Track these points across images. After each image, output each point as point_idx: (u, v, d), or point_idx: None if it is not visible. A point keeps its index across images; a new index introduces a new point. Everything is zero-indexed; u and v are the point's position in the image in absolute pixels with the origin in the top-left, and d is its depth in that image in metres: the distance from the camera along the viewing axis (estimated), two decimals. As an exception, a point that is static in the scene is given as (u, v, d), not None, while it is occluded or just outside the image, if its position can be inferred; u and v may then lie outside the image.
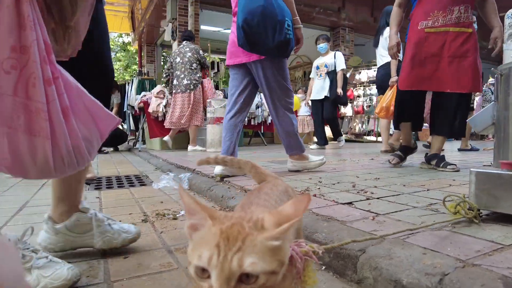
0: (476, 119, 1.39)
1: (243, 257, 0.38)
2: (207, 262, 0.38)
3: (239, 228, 0.40)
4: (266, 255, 0.39)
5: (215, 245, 0.39)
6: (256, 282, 0.38)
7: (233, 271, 0.37)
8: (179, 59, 5.24)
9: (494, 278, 0.73)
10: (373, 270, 0.89)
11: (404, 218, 1.23)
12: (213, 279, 0.38)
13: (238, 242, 0.39)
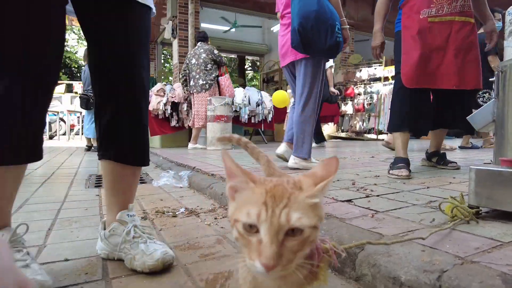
0: (476, 116, 1.38)
1: (289, 213, 0.41)
2: (256, 218, 0.41)
3: (282, 188, 0.43)
4: (309, 211, 0.43)
5: (262, 202, 0.42)
6: (301, 235, 0.42)
7: (281, 225, 0.41)
8: (194, 60, 5.34)
9: (493, 275, 0.73)
10: (372, 267, 0.88)
11: (403, 216, 1.23)
12: (262, 233, 0.41)
13: (284, 200, 0.42)
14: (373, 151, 4.47)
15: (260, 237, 0.41)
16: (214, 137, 5.09)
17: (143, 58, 1.08)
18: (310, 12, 2.25)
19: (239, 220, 0.43)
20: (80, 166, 3.76)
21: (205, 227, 1.41)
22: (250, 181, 0.45)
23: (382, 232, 1.04)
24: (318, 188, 0.44)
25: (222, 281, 0.92)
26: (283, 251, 0.41)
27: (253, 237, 0.42)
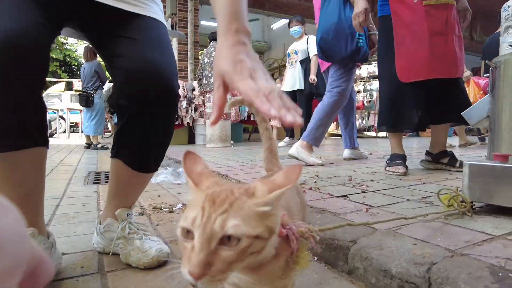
0: (470, 112, 1.39)
1: (226, 219, 0.38)
2: (191, 222, 0.39)
3: (228, 193, 0.40)
4: (252, 219, 0.39)
5: (200, 207, 0.39)
6: (237, 245, 0.38)
7: (215, 231, 0.38)
8: (206, 60, 5.50)
9: (481, 266, 0.74)
10: (364, 261, 0.90)
11: (397, 211, 1.24)
12: (195, 238, 0.38)
13: (225, 205, 0.39)
14: (372, 148, 4.48)
15: (193, 243, 0.38)
16: (214, 135, 5.10)
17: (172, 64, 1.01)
18: (330, 25, 2.60)
19: (178, 225, 0.41)
20: (79, 164, 3.77)
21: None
22: (193, 185, 0.43)
23: (375, 227, 1.05)
24: (271, 196, 0.40)
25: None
26: (215, 260, 0.38)
27: (188, 243, 0.39)
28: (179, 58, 7.51)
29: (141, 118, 0.99)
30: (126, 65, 0.95)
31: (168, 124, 1.04)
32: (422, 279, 0.76)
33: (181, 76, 7.41)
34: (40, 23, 0.83)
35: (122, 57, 0.97)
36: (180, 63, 7.51)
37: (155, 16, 1.05)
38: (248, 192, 0.41)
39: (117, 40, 0.98)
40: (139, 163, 1.05)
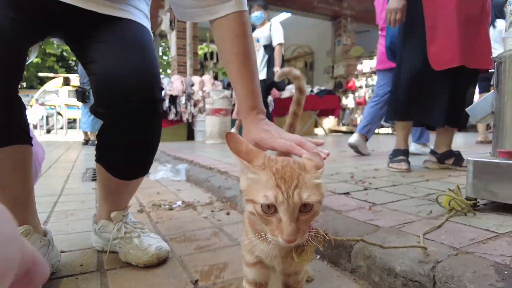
0: (475, 108, 1.37)
1: (301, 192, 0.48)
2: (274, 199, 0.47)
3: (290, 169, 0.49)
4: (314, 189, 0.49)
5: (275, 185, 0.47)
6: (311, 210, 0.49)
7: (296, 203, 0.47)
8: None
9: (487, 265, 0.72)
10: (367, 259, 0.88)
11: (400, 208, 1.23)
12: (281, 212, 0.47)
13: (294, 181, 0.48)
14: (374, 145, 4.46)
15: (279, 217, 0.48)
16: (213, 131, 5.08)
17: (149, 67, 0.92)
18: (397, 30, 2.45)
19: (257, 202, 0.49)
20: (77, 160, 3.76)
21: (201, 220, 1.41)
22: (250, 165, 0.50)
23: (379, 224, 1.03)
24: (320, 171, 0.51)
25: (217, 273, 0.92)
26: (299, 225, 0.48)
27: (272, 217, 0.48)
28: (178, 53, 7.47)
29: (117, 127, 0.91)
30: (98, 71, 0.87)
31: (149, 131, 0.94)
32: (427, 278, 0.74)
33: (180, 71, 7.37)
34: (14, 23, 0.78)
35: (94, 62, 0.89)
36: (179, 57, 7.47)
37: (134, 19, 0.96)
38: (302, 167, 0.51)
39: (91, 46, 0.91)
40: (122, 171, 0.98)
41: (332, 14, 9.58)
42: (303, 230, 0.49)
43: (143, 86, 0.88)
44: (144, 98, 0.88)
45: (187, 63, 7.38)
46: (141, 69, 0.89)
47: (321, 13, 9.39)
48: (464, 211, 1.12)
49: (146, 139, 0.95)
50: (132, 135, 0.92)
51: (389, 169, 2.14)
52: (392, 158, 2.17)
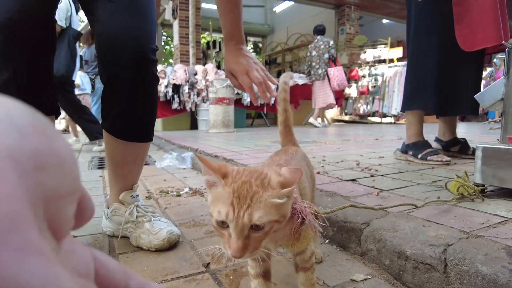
0: (484, 94, 1.36)
1: (252, 213, 0.47)
2: (225, 217, 0.48)
3: (247, 187, 0.49)
4: (271, 209, 0.49)
5: (229, 203, 0.48)
6: (263, 229, 0.49)
7: (245, 224, 0.48)
8: (314, 52, 6.23)
9: (498, 248, 0.73)
10: (377, 242, 0.89)
11: (408, 194, 1.23)
12: (231, 229, 0.49)
13: (248, 200, 0.48)
14: (377, 134, 4.45)
15: (230, 232, 0.49)
16: (217, 120, 5.07)
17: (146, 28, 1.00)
18: None
19: (212, 216, 0.50)
20: (81, 149, 3.77)
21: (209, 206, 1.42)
22: (221, 179, 0.50)
23: (387, 209, 1.04)
24: (284, 192, 0.49)
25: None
26: (249, 242, 0.49)
27: (225, 231, 0.50)
28: (180, 41, 7.41)
29: (115, 84, 0.99)
30: (100, 30, 0.96)
31: (145, 90, 1.02)
32: (438, 260, 0.75)
33: (183, 60, 7.32)
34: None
35: (98, 21, 0.96)
36: (182, 46, 7.42)
37: None
38: (264, 183, 0.50)
39: (97, 4, 0.97)
40: (122, 130, 1.03)
41: (335, 3, 9.45)
42: (254, 247, 0.49)
43: (134, 44, 0.95)
44: (135, 56, 0.96)
45: (190, 52, 7.33)
46: (134, 28, 0.96)
47: (324, 2, 9.26)
48: (473, 197, 1.13)
49: (140, 97, 1.02)
50: (126, 94, 0.99)
51: (427, 162, 1.90)
52: (421, 151, 1.96)
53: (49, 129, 0.15)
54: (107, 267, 0.20)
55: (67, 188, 0.16)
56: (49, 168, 0.14)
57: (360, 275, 0.83)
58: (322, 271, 0.86)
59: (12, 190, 0.12)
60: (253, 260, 0.62)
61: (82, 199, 0.18)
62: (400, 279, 0.82)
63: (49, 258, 0.12)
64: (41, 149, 0.14)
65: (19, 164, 0.13)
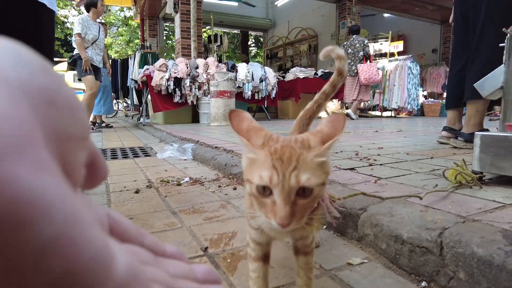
0: (484, 82, 1.35)
1: (299, 174, 0.43)
2: (268, 181, 0.43)
3: (290, 150, 0.44)
4: (317, 169, 0.45)
5: (271, 166, 0.44)
6: (311, 194, 0.45)
7: (292, 186, 0.43)
8: (350, 50, 6.64)
9: (494, 231, 0.73)
10: (374, 227, 0.90)
11: (406, 182, 1.24)
12: (275, 195, 0.44)
13: (293, 162, 0.43)
14: (377, 126, 4.45)
15: (274, 199, 0.44)
16: (218, 113, 5.08)
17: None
18: None
19: (252, 182, 0.46)
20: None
21: (209, 194, 1.43)
22: (248, 143, 0.46)
23: (385, 196, 1.04)
24: (326, 147, 0.45)
25: (227, 241, 0.94)
26: (296, 209, 0.45)
27: (267, 198, 0.45)
28: (182, 35, 7.38)
29: None
30: None
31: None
32: (434, 243, 0.76)
33: (184, 53, 7.31)
34: None
35: None
36: (183, 40, 7.39)
37: None
38: (304, 144, 0.46)
39: None
40: None
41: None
42: (300, 215, 0.46)
43: None
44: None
45: (191, 46, 7.30)
46: None
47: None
48: (471, 185, 1.13)
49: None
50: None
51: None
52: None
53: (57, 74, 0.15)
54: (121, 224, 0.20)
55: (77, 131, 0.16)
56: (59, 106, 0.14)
57: (357, 259, 0.84)
58: (319, 255, 0.87)
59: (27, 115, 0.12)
60: (256, 243, 0.62)
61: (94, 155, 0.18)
62: (396, 263, 0.83)
63: (61, 178, 0.12)
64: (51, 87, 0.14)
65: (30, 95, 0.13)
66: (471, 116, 2.07)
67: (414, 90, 7.39)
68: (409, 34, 11.34)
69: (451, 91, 2.28)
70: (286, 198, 0.44)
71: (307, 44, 11.36)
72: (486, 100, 1.94)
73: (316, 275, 0.76)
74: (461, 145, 2.11)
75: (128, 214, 1.19)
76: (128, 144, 3.42)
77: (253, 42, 17.84)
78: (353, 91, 6.81)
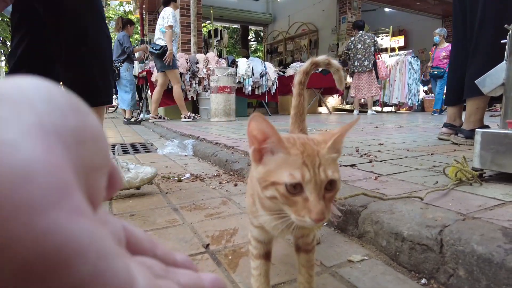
0: (485, 79, 1.35)
1: (326, 169, 0.46)
2: (301, 178, 0.45)
3: (310, 147, 0.47)
4: (334, 165, 0.48)
5: (302, 163, 0.46)
6: (336, 187, 0.48)
7: (323, 180, 0.46)
8: (360, 45, 6.67)
9: (494, 229, 0.74)
10: (375, 224, 0.90)
11: (407, 179, 1.24)
12: (308, 191, 0.46)
13: (317, 158, 0.46)
14: (377, 122, 4.45)
15: (306, 196, 0.45)
16: (218, 109, 5.07)
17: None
18: None
19: (279, 183, 0.46)
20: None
21: (210, 190, 1.43)
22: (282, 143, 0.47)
23: (386, 193, 1.05)
24: (328, 145, 0.47)
25: (228, 237, 0.95)
26: (326, 203, 0.47)
27: (298, 197, 0.46)
28: (182, 30, 7.34)
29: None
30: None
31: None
32: (434, 241, 0.76)
33: (184, 49, 7.27)
34: None
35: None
36: (183, 35, 7.36)
37: None
38: (317, 143, 0.48)
39: None
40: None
41: (338, -10, 9.32)
42: (329, 208, 0.47)
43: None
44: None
45: (191, 41, 7.27)
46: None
47: (327, -11, 9.13)
48: (471, 182, 1.13)
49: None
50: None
51: None
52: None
53: (83, 107, 0.17)
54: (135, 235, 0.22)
55: (101, 161, 0.17)
56: (86, 142, 0.16)
57: (357, 256, 0.85)
58: (320, 252, 0.87)
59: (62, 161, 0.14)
60: (257, 241, 0.63)
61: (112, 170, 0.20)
62: (397, 260, 0.83)
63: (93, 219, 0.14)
64: (79, 125, 0.16)
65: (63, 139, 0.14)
66: (472, 112, 2.07)
67: (414, 85, 7.37)
68: (410, 29, 11.28)
69: (451, 88, 2.28)
70: (319, 193, 0.45)
71: (307, 39, 11.30)
72: (487, 96, 1.92)
73: (317, 272, 0.77)
74: (461, 142, 2.12)
75: (129, 210, 1.19)
76: (129, 140, 3.42)
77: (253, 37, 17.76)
78: (369, 87, 6.82)
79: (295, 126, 0.81)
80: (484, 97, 1.96)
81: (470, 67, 2.00)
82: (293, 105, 0.81)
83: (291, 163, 0.46)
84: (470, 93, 1.99)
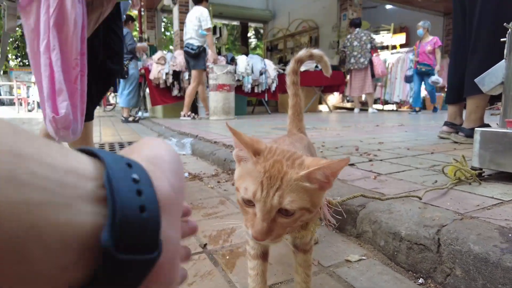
0: (484, 78, 1.35)
1: (283, 195, 0.44)
2: (252, 195, 0.45)
3: (279, 167, 0.46)
4: (304, 194, 0.45)
5: (259, 182, 0.45)
6: (293, 216, 0.46)
7: (274, 205, 0.45)
8: (356, 43, 6.66)
9: (491, 228, 0.74)
10: (373, 224, 0.90)
11: (406, 178, 1.24)
12: (257, 209, 0.46)
13: (278, 181, 0.45)
14: (378, 120, 4.44)
15: (255, 211, 0.46)
16: (217, 107, 5.06)
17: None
18: None
19: (239, 191, 0.48)
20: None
21: (208, 190, 1.43)
22: (253, 156, 0.47)
23: (384, 192, 1.05)
24: (303, 174, 0.45)
25: (225, 237, 0.95)
26: (274, 227, 0.46)
27: (250, 208, 0.47)
28: (180, 27, 7.31)
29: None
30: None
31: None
32: (432, 241, 0.76)
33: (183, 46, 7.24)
34: None
35: None
36: (182, 32, 7.33)
37: None
38: (294, 164, 0.47)
39: None
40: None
41: (338, -13, 9.27)
42: (277, 233, 0.46)
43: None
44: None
45: (190, 38, 7.24)
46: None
47: (327, -14, 9.09)
48: (470, 181, 1.13)
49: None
50: None
51: None
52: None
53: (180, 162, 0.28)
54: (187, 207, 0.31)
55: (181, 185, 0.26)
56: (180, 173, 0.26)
57: (355, 255, 0.85)
58: (318, 251, 0.87)
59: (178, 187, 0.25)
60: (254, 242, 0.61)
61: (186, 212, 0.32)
62: (394, 260, 0.83)
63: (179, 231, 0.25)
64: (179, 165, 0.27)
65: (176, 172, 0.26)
66: (472, 111, 2.06)
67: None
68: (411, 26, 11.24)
69: (451, 85, 2.27)
70: (266, 215, 0.45)
71: (308, 36, 11.26)
72: (487, 95, 1.92)
73: (314, 272, 0.77)
74: (461, 140, 2.12)
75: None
76: (126, 139, 3.42)
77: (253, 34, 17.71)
78: (365, 84, 6.80)
79: (293, 125, 0.84)
80: (484, 95, 1.94)
81: (469, 65, 2.00)
82: (290, 105, 0.83)
83: (253, 176, 0.46)
84: (470, 91, 1.99)
